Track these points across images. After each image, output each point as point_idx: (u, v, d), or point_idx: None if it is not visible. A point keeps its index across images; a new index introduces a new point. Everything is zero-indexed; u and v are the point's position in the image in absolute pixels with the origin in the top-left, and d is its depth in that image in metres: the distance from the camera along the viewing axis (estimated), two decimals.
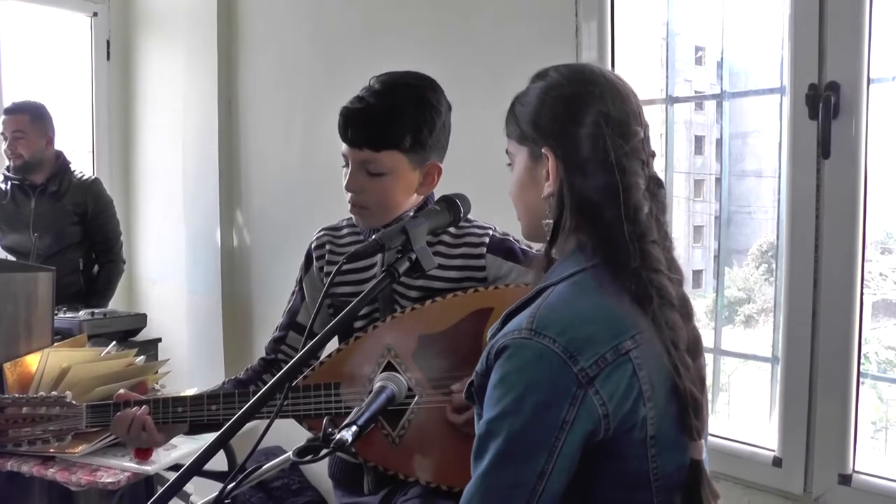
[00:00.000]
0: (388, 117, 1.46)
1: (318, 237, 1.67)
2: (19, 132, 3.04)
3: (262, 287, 3.31)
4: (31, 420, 1.46)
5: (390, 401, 1.26)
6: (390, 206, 1.52)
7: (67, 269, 3.07)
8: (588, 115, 1.02)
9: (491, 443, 0.92)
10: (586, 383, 0.91)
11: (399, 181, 1.49)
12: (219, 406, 1.47)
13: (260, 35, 3.28)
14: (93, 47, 3.70)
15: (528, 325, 0.94)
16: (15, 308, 2.15)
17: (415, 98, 1.49)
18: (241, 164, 3.36)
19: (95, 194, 3.19)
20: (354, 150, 1.50)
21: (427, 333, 1.48)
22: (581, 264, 1.01)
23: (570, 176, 1.02)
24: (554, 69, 1.09)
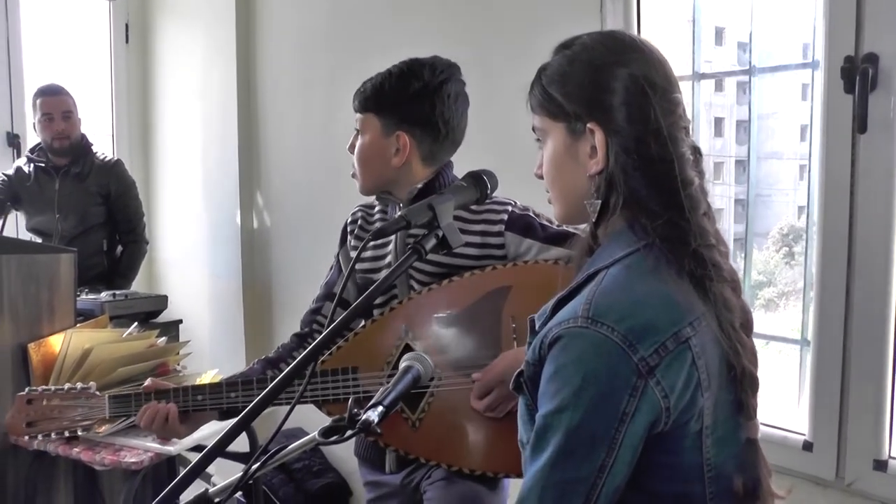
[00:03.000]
0: (377, 83, 1.51)
1: (353, 213, 1.67)
2: (69, 112, 3.05)
3: (282, 268, 3.31)
4: (59, 411, 1.47)
5: (416, 381, 1.23)
6: (366, 171, 1.53)
7: (91, 251, 3.09)
8: (632, 83, 0.95)
9: (550, 438, 0.88)
10: (647, 373, 0.86)
11: (372, 144, 1.51)
12: (238, 393, 1.46)
13: (278, 16, 3.25)
14: (111, 31, 3.70)
15: (583, 314, 0.88)
16: (38, 289, 2.16)
17: (404, 70, 1.50)
18: (261, 146, 3.34)
19: (118, 175, 3.19)
20: (356, 115, 1.55)
21: (445, 314, 1.45)
22: (633, 244, 0.94)
23: (620, 151, 0.94)
24: (585, 36, 1.01)
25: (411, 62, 1.51)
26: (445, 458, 1.42)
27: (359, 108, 1.53)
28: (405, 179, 1.53)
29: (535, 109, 1.03)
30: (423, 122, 1.50)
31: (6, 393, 2.06)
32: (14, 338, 2.09)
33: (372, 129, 1.51)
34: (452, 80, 1.51)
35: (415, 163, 1.52)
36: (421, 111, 1.49)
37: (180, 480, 0.94)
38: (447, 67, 1.51)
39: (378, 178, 1.53)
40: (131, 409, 1.46)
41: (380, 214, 1.62)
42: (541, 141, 1.04)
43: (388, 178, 1.53)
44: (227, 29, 3.34)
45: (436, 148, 1.52)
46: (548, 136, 1.02)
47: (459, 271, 1.46)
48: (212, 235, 3.35)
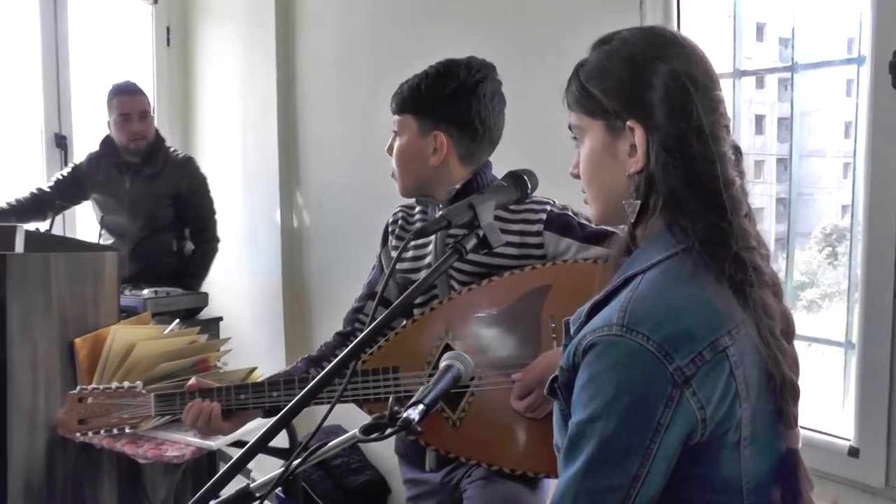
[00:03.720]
0: (414, 84, 1.52)
1: (394, 213, 1.69)
2: (145, 112, 3.00)
3: (321, 267, 3.34)
4: (107, 409, 1.52)
5: (457, 380, 1.24)
6: (404, 171, 1.54)
7: (161, 251, 3.08)
8: (673, 79, 0.92)
9: (583, 445, 0.86)
10: (682, 383, 0.84)
11: (410, 145, 1.52)
12: (280, 392, 1.48)
13: (318, 17, 3.28)
14: (153, 34, 3.78)
15: (618, 321, 0.86)
16: (83, 286, 2.21)
17: (440, 70, 1.51)
18: (300, 146, 3.38)
19: (190, 175, 3.13)
20: (394, 117, 1.56)
21: (485, 314, 1.45)
22: (671, 247, 0.92)
23: (661, 149, 0.92)
24: (625, 31, 0.98)
25: (447, 62, 1.51)
26: (485, 458, 1.42)
27: (396, 110, 1.54)
28: (443, 179, 1.53)
29: (572, 106, 1.01)
30: (460, 121, 1.50)
31: (54, 385, 2.12)
32: (62, 333, 2.14)
33: (409, 130, 1.52)
34: (488, 79, 1.51)
35: (452, 163, 1.53)
36: (457, 111, 1.49)
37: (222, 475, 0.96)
38: (483, 67, 1.52)
39: (416, 178, 1.54)
40: (176, 407, 1.49)
41: (420, 215, 1.63)
42: (577, 139, 1.02)
43: (427, 178, 1.54)
44: (266, 31, 3.38)
45: (473, 147, 1.53)
46: (585, 134, 1.00)
47: (499, 271, 1.46)
48: (252, 235, 3.39)
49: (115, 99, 3.00)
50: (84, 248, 2.40)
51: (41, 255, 2.15)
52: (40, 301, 2.10)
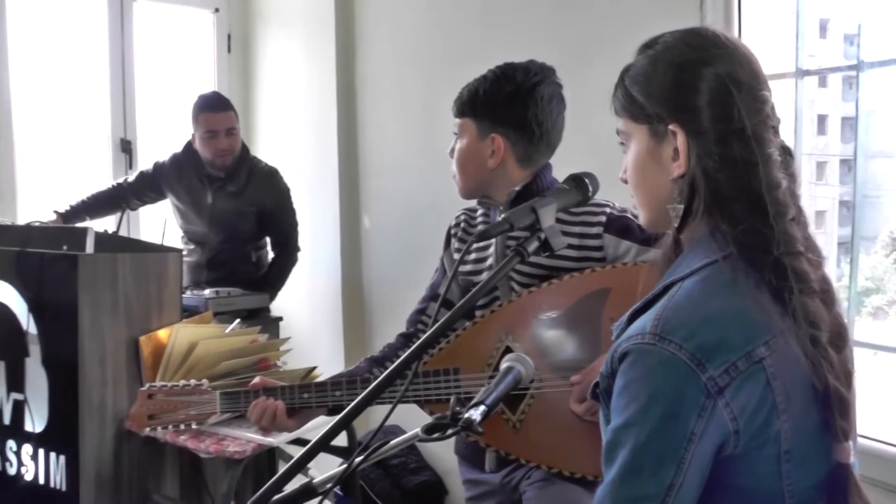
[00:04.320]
0: (473, 88, 1.55)
1: (457, 216, 1.72)
2: (232, 129, 2.95)
3: (380, 269, 3.37)
4: (175, 405, 1.57)
5: (517, 382, 1.24)
6: (464, 174, 1.57)
7: (239, 260, 3.07)
8: (716, 81, 0.92)
9: (618, 452, 0.87)
10: (716, 393, 0.83)
11: (469, 147, 1.55)
12: (342, 392, 1.50)
13: (377, 22, 3.32)
14: (215, 41, 3.88)
15: (652, 329, 0.86)
16: (148, 286, 2.28)
17: (498, 74, 1.53)
18: (360, 150, 3.42)
19: (274, 189, 3.08)
20: (455, 120, 1.59)
21: (545, 316, 1.46)
22: (712, 255, 0.91)
23: (702, 153, 0.91)
24: (668, 34, 0.98)
25: (505, 66, 1.53)
26: (545, 460, 1.42)
27: (457, 113, 1.57)
28: (502, 181, 1.54)
29: (619, 112, 1.02)
30: (517, 123, 1.52)
31: (121, 381, 2.20)
32: (127, 331, 2.22)
33: (468, 133, 1.55)
34: (546, 82, 1.52)
35: (510, 165, 1.54)
36: (514, 113, 1.51)
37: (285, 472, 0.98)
38: (541, 70, 1.53)
39: (475, 180, 1.56)
40: (241, 404, 1.54)
41: (482, 217, 1.65)
42: (625, 144, 1.03)
43: (485, 180, 1.55)
44: (326, 36, 3.43)
45: (531, 150, 1.54)
46: (631, 140, 1.01)
47: (559, 273, 1.47)
48: (312, 237, 3.43)
49: (202, 115, 2.96)
50: (148, 248, 2.48)
51: (109, 256, 2.24)
52: (108, 299, 2.18)
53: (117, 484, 2.20)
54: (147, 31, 3.74)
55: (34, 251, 2.31)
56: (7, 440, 2.34)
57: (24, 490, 2.30)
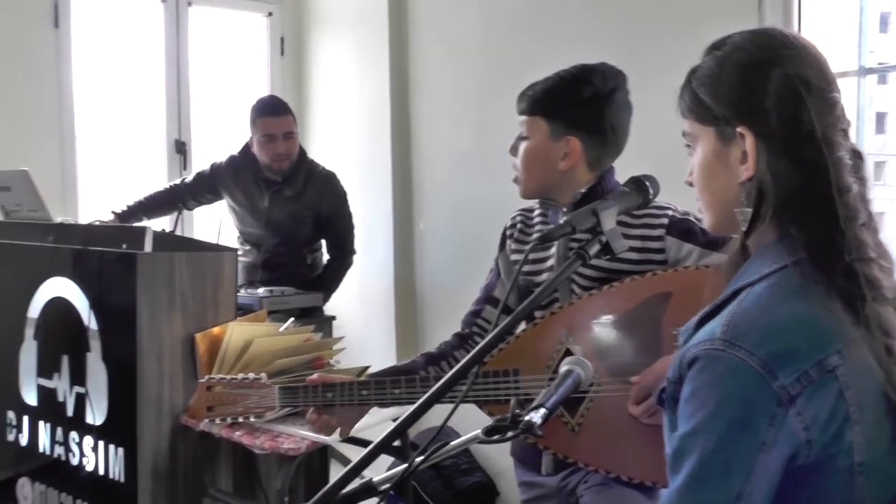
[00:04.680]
0: (548, 87, 1.52)
1: (513, 217, 1.71)
2: (290, 133, 2.94)
3: (433, 270, 3.39)
4: (234, 398, 1.59)
5: (577, 385, 1.24)
6: (531, 174, 1.55)
7: (295, 262, 3.08)
8: (785, 83, 0.90)
9: (685, 459, 0.86)
10: (787, 402, 0.81)
11: (539, 148, 1.53)
12: (401, 390, 1.51)
13: (430, 25, 3.34)
14: (268, 44, 3.95)
15: (721, 335, 0.85)
16: (204, 284, 2.33)
17: (577, 75, 1.51)
18: (413, 152, 3.44)
19: (331, 194, 3.08)
20: (520, 118, 1.57)
21: (605, 319, 1.45)
22: (781, 260, 0.90)
23: (771, 156, 0.90)
24: (736, 35, 0.97)
25: (581, 68, 1.52)
26: (603, 464, 1.41)
27: (526, 111, 1.55)
28: (569, 184, 1.54)
29: (685, 114, 1.01)
30: (593, 128, 1.51)
31: (177, 376, 2.25)
32: (184, 328, 2.26)
33: (539, 133, 1.53)
34: (621, 88, 1.52)
35: (580, 168, 1.54)
36: (592, 118, 1.51)
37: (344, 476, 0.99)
38: (617, 75, 1.52)
39: (542, 181, 1.56)
40: (299, 399, 1.56)
41: (539, 218, 1.64)
42: (691, 147, 1.01)
43: (552, 182, 1.55)
44: (379, 38, 3.46)
45: (602, 154, 1.54)
46: (697, 142, 0.99)
47: (620, 276, 1.46)
48: (365, 238, 3.45)
49: (260, 119, 2.96)
50: (205, 248, 2.53)
51: (167, 255, 2.29)
52: (165, 297, 2.23)
53: (173, 477, 2.24)
54: (202, 35, 3.82)
55: (95, 249, 2.38)
56: (70, 431, 2.42)
57: (85, 480, 2.37)
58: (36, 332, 2.55)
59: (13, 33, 3.36)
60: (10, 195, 2.76)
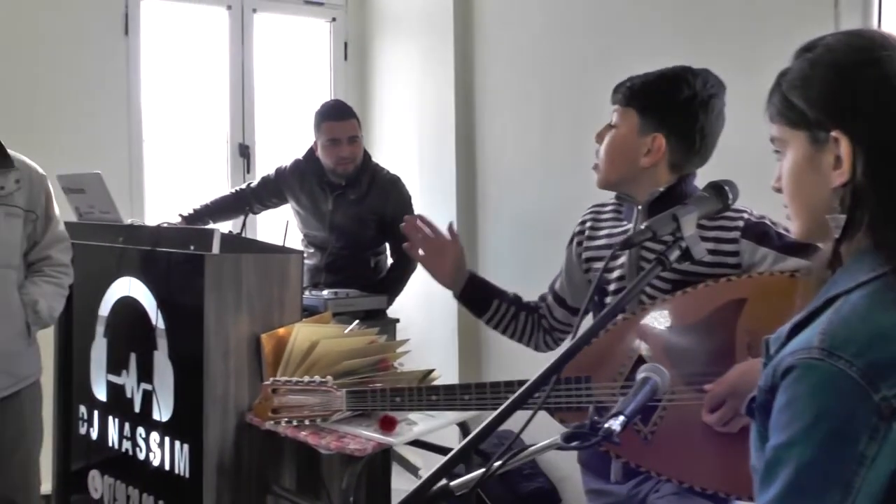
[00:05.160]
0: (647, 81, 1.52)
1: (583, 217, 1.72)
2: (355, 137, 2.97)
3: (497, 274, 3.27)
4: (299, 401, 1.61)
5: (654, 393, 1.22)
6: (611, 163, 1.55)
7: (358, 265, 3.10)
8: (881, 84, 0.87)
9: (780, 471, 0.83)
10: (890, 415, 0.78)
11: (625, 139, 1.53)
12: (471, 396, 1.51)
13: (496, 30, 3.33)
14: (331, 49, 4.00)
15: (819, 344, 0.82)
16: (270, 286, 2.37)
17: (678, 75, 1.51)
18: (478, 157, 3.43)
19: (396, 197, 3.08)
20: (613, 107, 1.57)
21: (677, 326, 1.43)
22: (879, 268, 0.86)
23: (869, 160, 0.87)
24: (829, 36, 0.94)
25: (684, 69, 1.51)
26: (676, 474, 1.39)
27: (621, 101, 1.55)
28: (647, 181, 1.53)
29: (774, 118, 0.98)
30: (683, 130, 1.50)
31: (243, 376, 2.29)
32: (250, 328, 2.30)
33: (629, 124, 1.53)
34: (718, 97, 1.51)
35: (661, 167, 1.53)
36: (684, 120, 1.50)
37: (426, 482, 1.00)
38: (717, 83, 1.51)
39: (622, 173, 1.55)
40: (367, 404, 1.57)
41: (612, 215, 1.63)
42: (780, 152, 0.98)
43: (631, 176, 1.54)
44: (445, 44, 3.46)
45: (686, 159, 1.53)
46: (787, 147, 0.96)
47: (693, 280, 1.44)
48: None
49: (324, 124, 2.99)
50: (271, 250, 2.58)
51: (234, 256, 2.33)
52: (232, 298, 2.27)
53: (238, 474, 2.28)
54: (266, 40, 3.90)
55: (164, 250, 2.44)
56: (137, 427, 2.49)
57: (151, 474, 2.43)
58: (106, 330, 2.64)
59: (86, 41, 3.48)
60: (83, 197, 2.84)
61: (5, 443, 2.36)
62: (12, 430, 2.36)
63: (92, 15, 3.50)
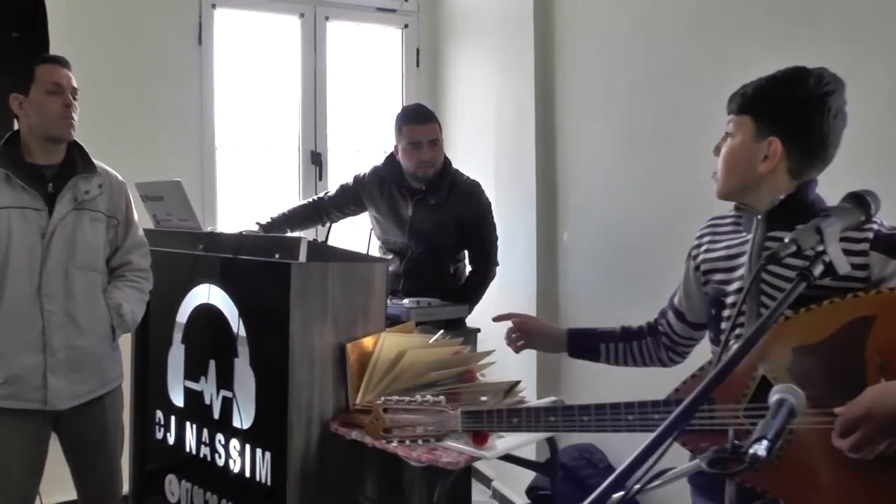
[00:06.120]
0: (759, 85, 1.47)
1: (702, 228, 1.66)
2: (436, 140, 2.97)
3: (577, 283, 3.31)
4: (411, 420, 1.58)
5: (792, 414, 1.17)
6: (729, 172, 1.50)
7: (437, 271, 3.09)
8: None
9: None
10: None
11: (742, 147, 1.48)
12: (590, 417, 1.48)
13: (579, 31, 3.27)
14: (403, 56, 4.01)
15: None
16: (355, 294, 2.36)
17: (790, 76, 1.45)
18: (559, 163, 3.37)
19: (476, 203, 3.08)
20: (728, 117, 1.52)
21: (802, 345, 1.36)
22: None
23: None
24: None
25: (797, 69, 1.46)
26: (802, 500, 1.33)
27: (735, 110, 1.51)
28: (767, 188, 1.47)
29: None
30: (799, 132, 1.44)
31: (327, 384, 2.28)
32: (334, 337, 2.29)
33: (744, 132, 1.48)
34: (836, 94, 1.43)
35: (780, 173, 1.47)
36: (798, 120, 1.44)
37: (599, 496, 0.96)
38: (834, 80, 1.44)
39: (740, 182, 1.50)
40: (483, 424, 1.54)
41: (731, 228, 1.58)
42: None
43: (750, 184, 1.49)
44: (524, 49, 3.41)
45: (806, 162, 1.46)
46: None
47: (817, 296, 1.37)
48: (506, 249, 3.38)
49: (405, 127, 2.98)
50: (356, 258, 2.57)
51: (321, 265, 2.33)
52: (318, 306, 2.27)
53: (321, 483, 2.28)
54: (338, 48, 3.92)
55: (247, 258, 2.45)
56: (216, 433, 2.50)
57: (231, 481, 2.44)
58: (183, 337, 2.66)
59: (161, 51, 3.55)
60: (162, 205, 2.87)
61: (91, 446, 2.40)
62: (97, 433, 2.40)
63: (166, 25, 3.57)
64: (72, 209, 2.27)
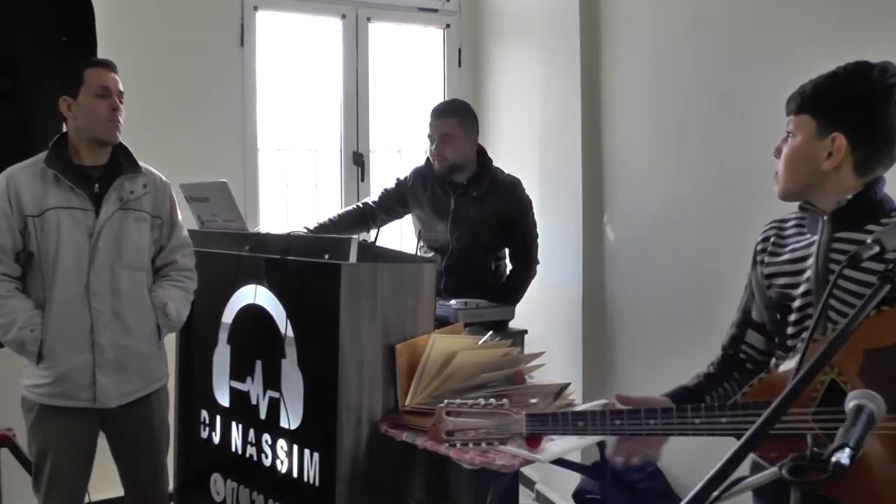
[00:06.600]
0: (819, 82, 1.43)
1: (764, 231, 1.61)
2: (447, 135, 3.03)
3: (624, 282, 3.27)
4: (474, 423, 1.56)
5: (872, 421, 1.14)
6: (791, 172, 1.46)
7: (478, 268, 3.11)
8: None
9: None
10: None
11: (803, 146, 1.43)
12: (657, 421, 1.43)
13: (625, 31, 3.23)
14: (445, 56, 4.01)
15: None
16: (405, 295, 2.35)
17: (851, 70, 1.40)
18: (605, 162, 3.34)
19: (516, 200, 3.12)
20: (788, 118, 1.48)
21: (874, 348, 1.33)
22: None
23: None
24: None
25: (860, 63, 1.41)
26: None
27: (795, 109, 1.46)
28: (832, 187, 1.43)
29: None
30: (862, 126, 1.39)
31: (377, 385, 2.28)
32: (385, 338, 2.29)
33: (805, 130, 1.44)
34: None
35: (845, 170, 1.42)
36: (861, 114, 1.39)
37: None
38: None
39: (803, 181, 1.46)
40: (548, 428, 1.52)
41: (795, 230, 1.54)
42: None
43: (814, 183, 1.45)
44: (569, 47, 3.38)
45: (872, 157, 1.41)
46: None
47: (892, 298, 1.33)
48: (552, 249, 3.38)
49: (429, 121, 3.10)
50: (404, 259, 2.56)
51: (370, 265, 2.33)
52: (367, 307, 2.27)
53: (370, 483, 2.27)
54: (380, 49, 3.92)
55: (296, 259, 2.45)
56: (263, 433, 2.51)
57: (278, 481, 2.45)
58: (229, 337, 2.67)
59: (203, 53, 3.58)
60: (207, 206, 2.89)
61: (137, 444, 2.43)
62: (143, 432, 2.43)
63: (209, 27, 3.60)
64: (117, 209, 2.30)
